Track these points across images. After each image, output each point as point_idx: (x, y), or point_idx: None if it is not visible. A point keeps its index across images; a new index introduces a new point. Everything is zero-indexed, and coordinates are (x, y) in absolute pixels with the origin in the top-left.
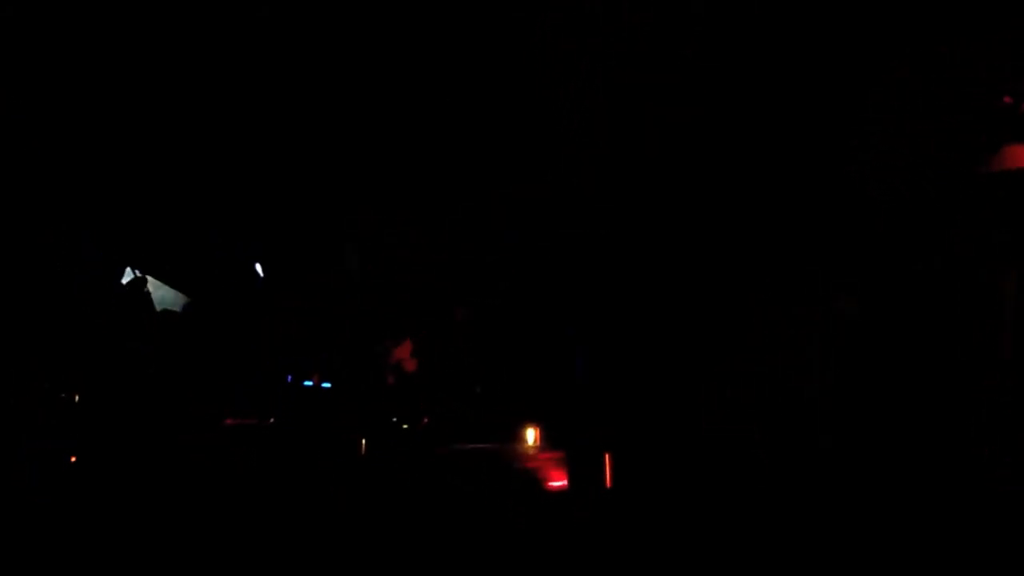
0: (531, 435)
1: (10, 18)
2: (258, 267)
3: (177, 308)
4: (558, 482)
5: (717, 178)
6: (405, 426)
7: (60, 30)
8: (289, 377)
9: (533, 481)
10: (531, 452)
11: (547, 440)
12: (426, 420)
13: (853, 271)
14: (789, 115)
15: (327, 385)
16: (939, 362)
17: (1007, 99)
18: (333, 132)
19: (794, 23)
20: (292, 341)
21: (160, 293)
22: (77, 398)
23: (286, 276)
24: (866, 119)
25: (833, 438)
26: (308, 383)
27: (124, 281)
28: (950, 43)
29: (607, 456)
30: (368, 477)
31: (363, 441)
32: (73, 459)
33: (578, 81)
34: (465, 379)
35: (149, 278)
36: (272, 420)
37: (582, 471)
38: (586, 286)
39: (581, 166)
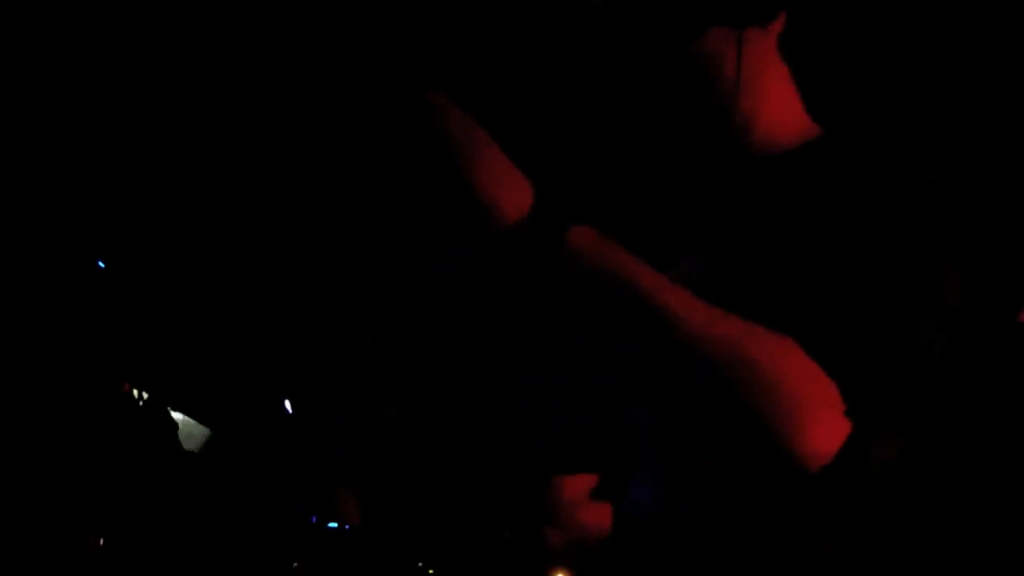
0: None
1: (10, 17)
2: (287, 404)
3: (199, 444)
4: None
5: (716, 178)
6: (431, 571)
7: (60, 30)
8: (313, 518)
9: None
10: None
11: None
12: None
13: (858, 271)
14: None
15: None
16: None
17: None
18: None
19: (794, 22)
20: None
21: (187, 431)
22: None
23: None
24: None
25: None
26: (333, 524)
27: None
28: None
29: None
30: None
31: None
32: None
33: (577, 81)
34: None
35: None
36: (296, 564)
37: None
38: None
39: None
